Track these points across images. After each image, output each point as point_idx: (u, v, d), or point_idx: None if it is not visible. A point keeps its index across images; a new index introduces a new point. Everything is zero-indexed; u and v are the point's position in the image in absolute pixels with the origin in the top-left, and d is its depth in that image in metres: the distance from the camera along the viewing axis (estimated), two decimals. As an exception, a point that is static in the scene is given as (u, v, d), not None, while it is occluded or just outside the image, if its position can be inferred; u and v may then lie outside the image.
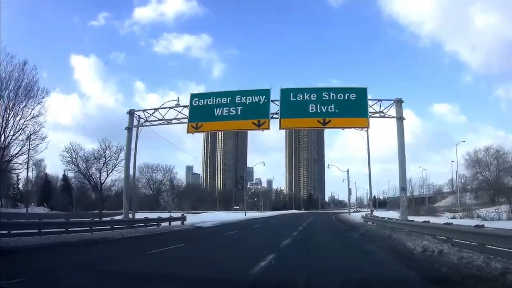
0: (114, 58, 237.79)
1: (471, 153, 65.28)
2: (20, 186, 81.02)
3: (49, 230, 15.90)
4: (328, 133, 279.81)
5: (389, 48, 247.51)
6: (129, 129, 25.96)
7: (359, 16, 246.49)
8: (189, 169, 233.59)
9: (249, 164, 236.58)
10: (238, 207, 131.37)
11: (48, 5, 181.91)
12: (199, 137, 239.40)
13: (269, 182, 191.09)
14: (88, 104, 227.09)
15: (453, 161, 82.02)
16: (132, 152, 26.18)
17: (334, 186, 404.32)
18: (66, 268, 9.24)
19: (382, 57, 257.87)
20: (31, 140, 26.49)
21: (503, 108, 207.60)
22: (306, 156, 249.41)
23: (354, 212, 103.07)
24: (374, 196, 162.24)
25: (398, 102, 23.81)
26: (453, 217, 37.97)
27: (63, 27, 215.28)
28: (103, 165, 40.32)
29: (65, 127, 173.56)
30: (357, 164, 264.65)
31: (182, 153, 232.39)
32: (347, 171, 57.68)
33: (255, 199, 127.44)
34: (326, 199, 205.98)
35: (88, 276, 8.02)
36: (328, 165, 58.64)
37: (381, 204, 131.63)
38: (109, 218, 27.43)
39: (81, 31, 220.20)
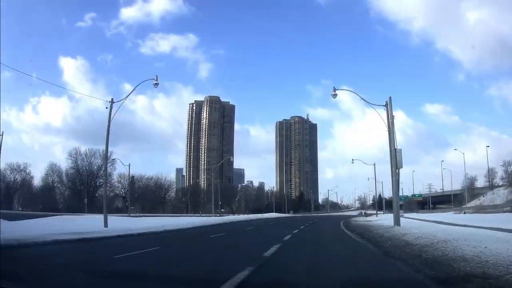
0: (102, 59, 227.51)
1: None
2: None
3: None
4: (321, 132, 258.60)
5: (379, 47, 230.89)
6: None
7: (347, 14, 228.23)
8: (179, 171, 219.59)
9: (237, 166, 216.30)
10: (223, 210, 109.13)
11: (36, 6, 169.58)
12: (183, 135, 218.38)
13: (261, 185, 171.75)
14: (78, 106, 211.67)
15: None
16: None
17: (327, 188, 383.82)
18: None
19: (372, 56, 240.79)
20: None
21: (496, 108, 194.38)
22: (298, 155, 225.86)
23: (360, 215, 76.64)
24: (380, 196, 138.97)
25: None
26: None
27: (52, 28, 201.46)
28: None
29: (56, 129, 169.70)
30: (350, 166, 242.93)
31: (174, 156, 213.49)
32: (387, 102, 26.93)
33: (236, 199, 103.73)
34: (320, 201, 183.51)
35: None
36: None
37: (389, 205, 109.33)
38: None
39: (69, 33, 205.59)
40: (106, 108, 23.17)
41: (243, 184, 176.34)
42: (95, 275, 7.15)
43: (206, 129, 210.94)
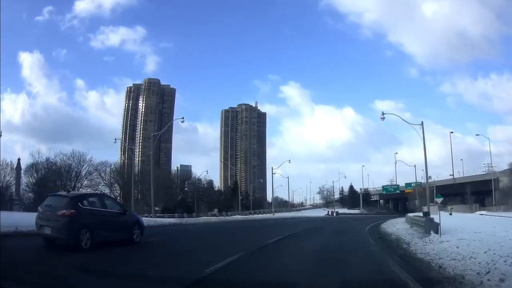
0: (57, 55, 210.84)
1: None
2: None
3: None
4: (269, 128, 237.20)
5: (328, 40, 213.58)
6: None
7: (296, 5, 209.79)
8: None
9: (184, 162, 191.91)
10: (157, 209, 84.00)
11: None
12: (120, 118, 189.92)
13: (210, 182, 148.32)
14: (35, 103, 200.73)
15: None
16: None
17: (275, 186, 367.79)
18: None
19: (320, 50, 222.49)
20: None
21: (449, 104, 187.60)
22: (245, 147, 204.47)
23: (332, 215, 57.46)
24: (363, 189, 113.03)
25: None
26: None
27: (13, 23, 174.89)
28: None
29: (15, 127, 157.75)
30: (299, 162, 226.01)
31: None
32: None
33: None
34: (269, 199, 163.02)
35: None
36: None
37: (365, 200, 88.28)
38: None
39: (28, 27, 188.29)
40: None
41: (189, 181, 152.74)
42: None
43: (143, 115, 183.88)
